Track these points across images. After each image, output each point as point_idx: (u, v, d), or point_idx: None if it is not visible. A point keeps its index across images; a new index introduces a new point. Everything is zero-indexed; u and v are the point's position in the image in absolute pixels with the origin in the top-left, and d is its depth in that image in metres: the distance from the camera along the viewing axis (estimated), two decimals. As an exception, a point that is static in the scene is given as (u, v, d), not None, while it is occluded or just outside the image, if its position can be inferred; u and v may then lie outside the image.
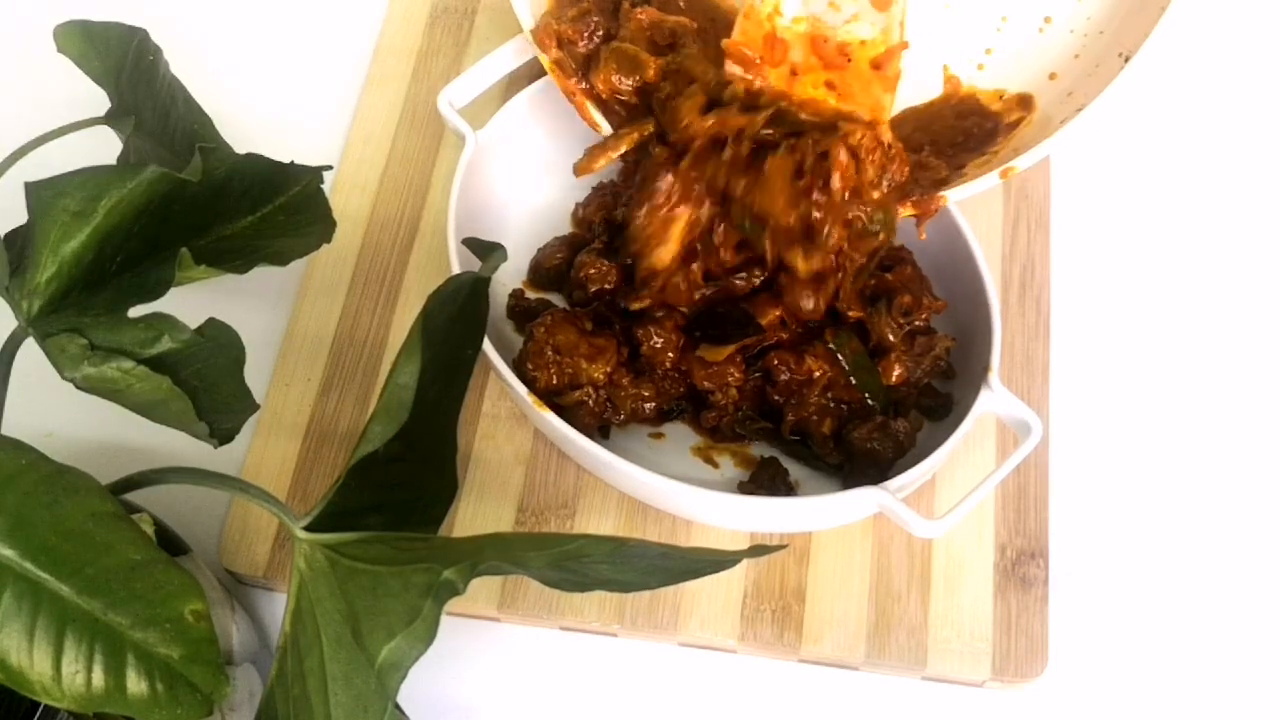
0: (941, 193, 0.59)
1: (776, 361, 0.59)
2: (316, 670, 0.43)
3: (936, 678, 0.59)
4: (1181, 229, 0.69)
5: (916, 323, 0.60)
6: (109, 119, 0.57)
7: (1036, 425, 0.56)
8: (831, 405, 0.59)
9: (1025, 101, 0.62)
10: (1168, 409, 0.65)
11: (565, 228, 0.67)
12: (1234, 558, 0.61)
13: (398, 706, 0.43)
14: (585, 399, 0.59)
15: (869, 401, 0.59)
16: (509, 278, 0.65)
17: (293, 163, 0.56)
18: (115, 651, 0.42)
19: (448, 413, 0.51)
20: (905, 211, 0.59)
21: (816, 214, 0.55)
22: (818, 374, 0.59)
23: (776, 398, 0.60)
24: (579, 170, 0.62)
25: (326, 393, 0.64)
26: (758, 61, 0.58)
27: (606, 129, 0.62)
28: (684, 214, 0.58)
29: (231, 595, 0.58)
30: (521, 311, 0.64)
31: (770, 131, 0.57)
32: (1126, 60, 0.60)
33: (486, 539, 0.42)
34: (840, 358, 0.59)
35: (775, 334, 0.60)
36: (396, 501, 0.49)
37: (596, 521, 0.61)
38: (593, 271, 0.62)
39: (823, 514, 0.57)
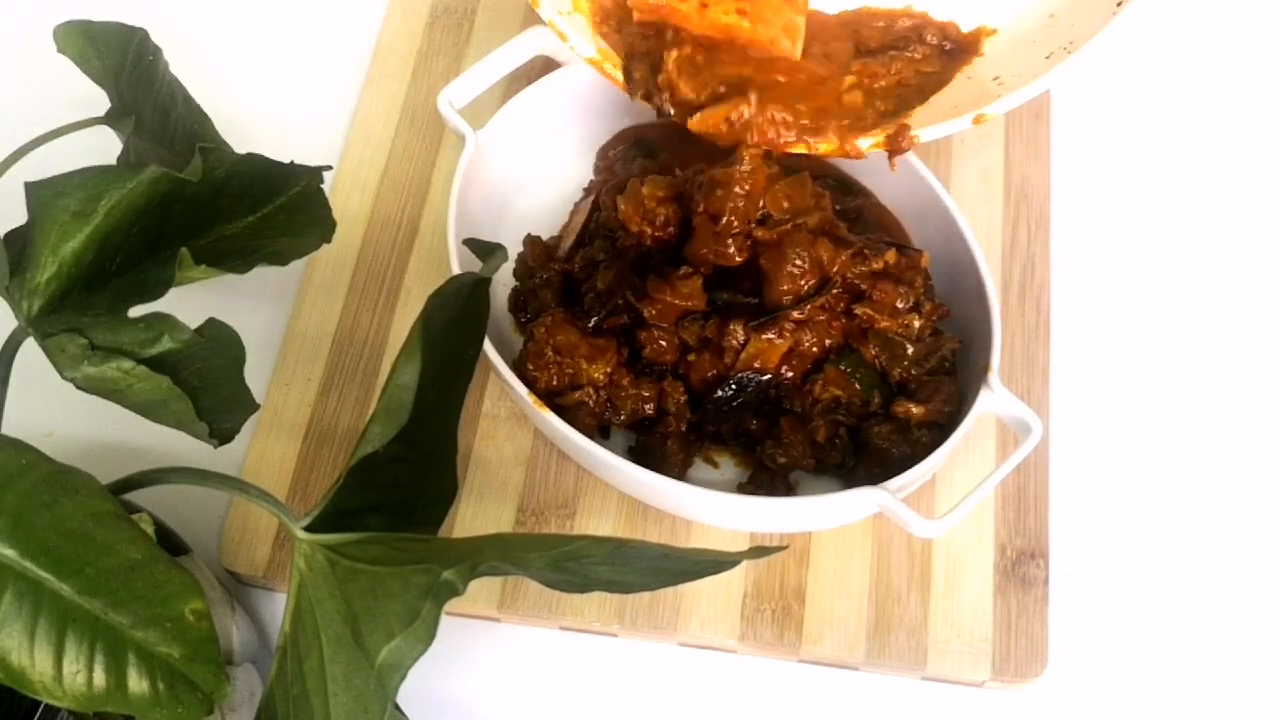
0: (913, 132, 0.59)
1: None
2: (316, 670, 0.43)
3: (936, 678, 0.59)
4: (1182, 229, 0.69)
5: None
6: (109, 119, 0.57)
7: (1036, 425, 0.56)
8: (832, 413, 0.59)
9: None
10: (1168, 409, 0.65)
11: (565, 228, 0.67)
12: (1234, 557, 0.61)
13: (397, 707, 0.43)
14: (585, 399, 0.59)
15: (873, 408, 0.59)
16: (509, 277, 0.65)
17: (293, 163, 0.56)
18: (116, 651, 0.42)
19: (448, 413, 0.51)
20: (875, 142, 0.60)
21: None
22: (833, 395, 0.58)
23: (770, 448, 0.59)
24: None
25: (326, 393, 0.64)
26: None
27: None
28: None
29: (231, 595, 0.58)
30: (522, 309, 0.64)
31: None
32: (1120, 3, 0.58)
33: (486, 539, 0.42)
34: (855, 379, 0.58)
35: (781, 372, 0.59)
36: (396, 502, 0.49)
37: (596, 521, 0.61)
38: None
39: (823, 514, 0.57)
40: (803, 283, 0.58)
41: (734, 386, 0.59)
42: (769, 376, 0.59)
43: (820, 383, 0.58)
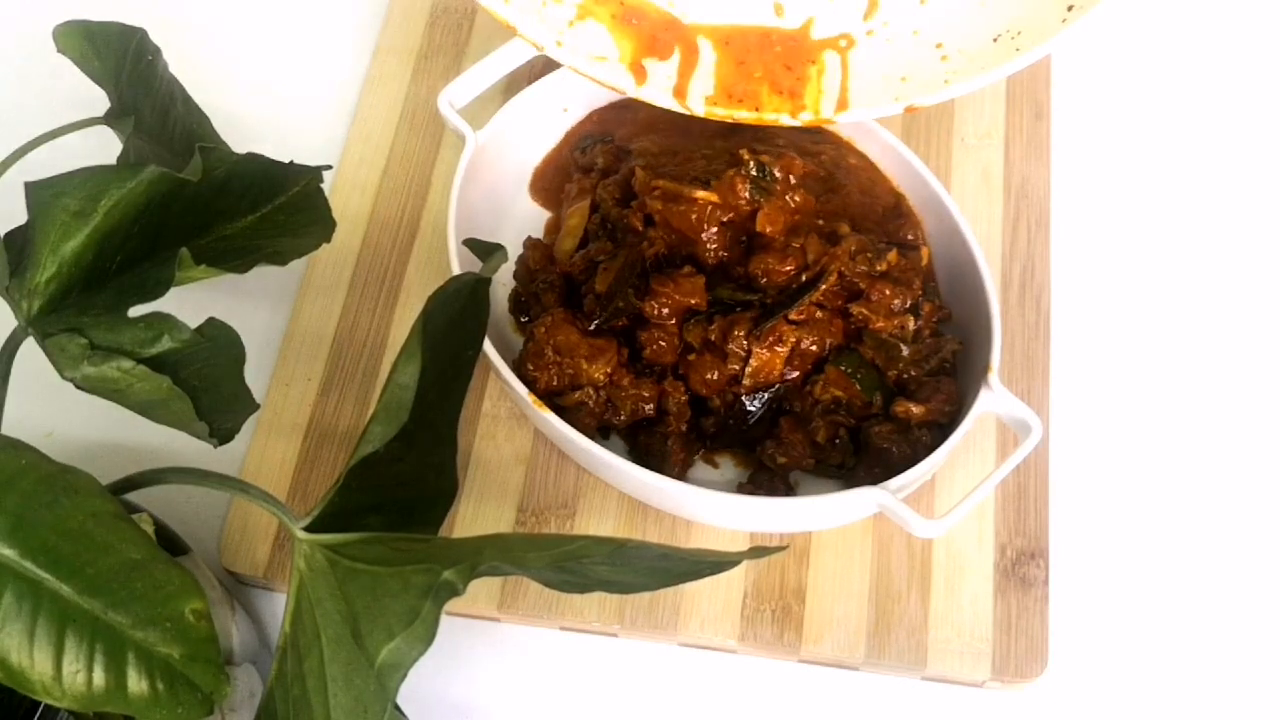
0: (847, 113, 0.61)
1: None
2: (316, 671, 0.43)
3: (936, 678, 0.59)
4: (1182, 229, 0.69)
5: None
6: (109, 119, 0.57)
7: (1036, 425, 0.56)
8: (832, 414, 0.59)
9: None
10: (1168, 409, 0.65)
11: (565, 228, 0.67)
12: (1234, 557, 0.61)
13: (397, 707, 0.43)
14: (585, 399, 0.59)
15: (874, 408, 0.59)
16: (509, 278, 0.65)
17: (293, 163, 0.56)
18: (116, 651, 0.42)
19: (448, 413, 0.51)
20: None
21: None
22: (833, 396, 0.58)
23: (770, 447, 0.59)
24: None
25: (326, 393, 0.64)
26: None
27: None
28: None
29: (231, 595, 0.58)
30: (522, 311, 0.64)
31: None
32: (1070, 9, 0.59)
33: (486, 539, 0.42)
34: (855, 379, 0.58)
35: (785, 374, 0.59)
36: (396, 502, 0.49)
37: (596, 521, 0.61)
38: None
39: (823, 514, 0.57)
40: (788, 265, 0.59)
41: (756, 403, 0.59)
42: (777, 386, 0.59)
43: (821, 383, 0.58)
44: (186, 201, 0.52)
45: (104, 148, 0.57)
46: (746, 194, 0.60)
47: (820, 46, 0.63)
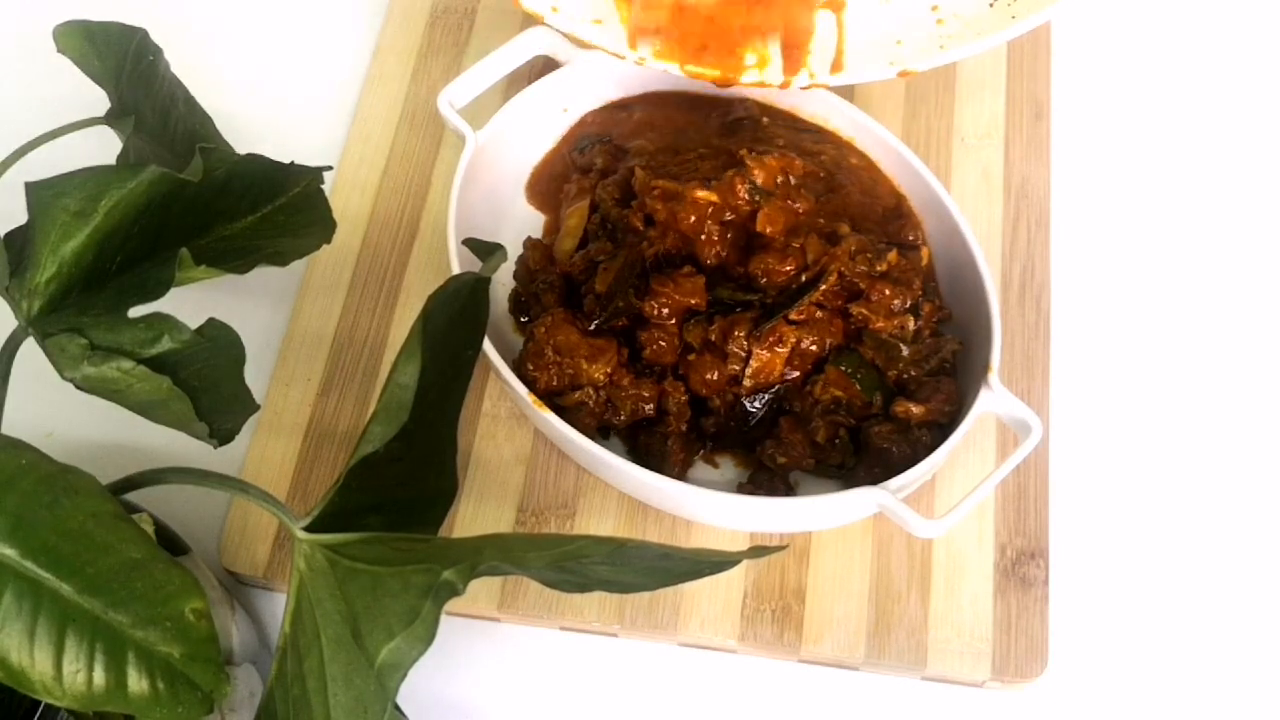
0: (839, 74, 0.61)
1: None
2: (316, 670, 0.43)
3: (936, 678, 0.59)
4: (1182, 228, 0.69)
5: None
6: (109, 119, 0.57)
7: (1036, 425, 0.56)
8: (832, 414, 0.59)
9: None
10: (1168, 409, 0.65)
11: (565, 228, 0.67)
12: (1234, 557, 0.61)
13: (397, 707, 0.43)
14: (585, 400, 0.59)
15: (874, 408, 0.59)
16: (509, 278, 0.65)
17: (293, 163, 0.56)
18: (116, 650, 0.42)
19: (448, 413, 0.51)
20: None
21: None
22: (833, 396, 0.58)
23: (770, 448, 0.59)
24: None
25: (326, 393, 0.64)
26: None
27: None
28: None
29: (231, 595, 0.58)
30: (522, 311, 0.64)
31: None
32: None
33: (486, 539, 0.42)
34: (855, 379, 0.58)
35: (785, 374, 0.59)
36: (396, 502, 0.49)
37: (596, 521, 0.61)
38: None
39: (823, 514, 0.57)
40: (788, 265, 0.59)
41: (756, 403, 0.59)
42: (777, 386, 0.59)
43: (821, 383, 0.58)
44: (187, 202, 0.52)
45: (104, 148, 0.57)
46: (746, 194, 0.60)
47: (814, 6, 0.63)
